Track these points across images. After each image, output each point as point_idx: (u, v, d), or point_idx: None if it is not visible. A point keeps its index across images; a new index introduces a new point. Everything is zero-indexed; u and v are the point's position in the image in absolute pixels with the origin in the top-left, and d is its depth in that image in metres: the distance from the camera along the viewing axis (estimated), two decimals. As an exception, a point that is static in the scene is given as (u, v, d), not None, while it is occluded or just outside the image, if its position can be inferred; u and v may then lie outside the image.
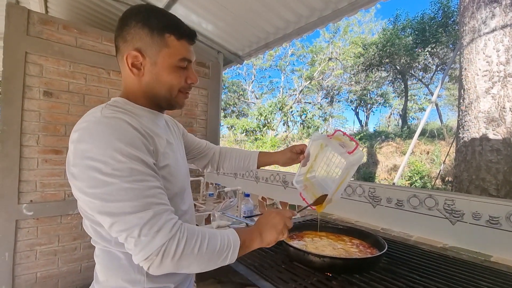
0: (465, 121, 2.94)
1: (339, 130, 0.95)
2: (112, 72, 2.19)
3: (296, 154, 0.99)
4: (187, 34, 0.67)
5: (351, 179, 1.35)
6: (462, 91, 3.05)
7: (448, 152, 5.62)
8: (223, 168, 1.08)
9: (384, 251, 0.84)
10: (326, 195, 0.86)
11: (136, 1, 2.30)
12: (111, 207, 0.52)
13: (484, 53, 2.80)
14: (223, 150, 1.10)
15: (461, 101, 3.07)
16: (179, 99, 0.70)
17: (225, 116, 15.51)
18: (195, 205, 2.23)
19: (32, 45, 1.90)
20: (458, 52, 3.37)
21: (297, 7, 2.02)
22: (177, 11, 2.36)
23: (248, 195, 1.66)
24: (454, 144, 4.33)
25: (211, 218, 1.44)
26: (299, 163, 1.02)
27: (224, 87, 14.70)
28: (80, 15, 2.89)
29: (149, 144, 0.60)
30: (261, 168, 1.09)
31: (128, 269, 0.63)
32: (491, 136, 2.71)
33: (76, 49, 2.07)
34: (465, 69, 2.98)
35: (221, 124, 2.97)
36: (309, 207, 0.93)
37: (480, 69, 2.81)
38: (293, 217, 0.72)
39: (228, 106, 16.17)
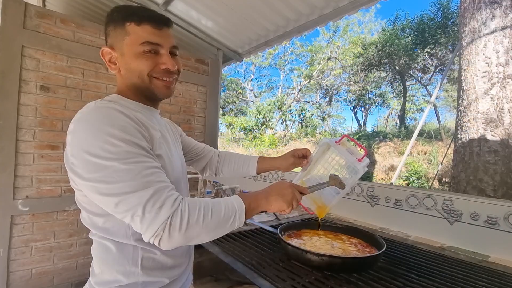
0: (464, 122, 2.95)
1: (346, 136, 0.94)
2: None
3: (299, 159, 0.98)
4: (148, 18, 0.66)
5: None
6: (461, 91, 3.06)
7: (446, 153, 5.65)
8: (222, 172, 1.07)
9: (382, 250, 0.83)
10: (337, 178, 0.85)
11: (135, -4, 2.27)
12: (112, 188, 0.53)
13: (483, 54, 2.80)
14: (222, 154, 1.09)
15: (460, 102, 3.07)
16: (155, 85, 0.68)
17: (223, 114, 15.46)
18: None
19: (29, 38, 1.87)
20: (458, 53, 3.38)
21: (297, 5, 2.00)
22: (177, 6, 2.34)
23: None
24: (452, 145, 4.34)
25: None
26: (300, 167, 1.00)
27: (222, 85, 14.65)
28: (77, 9, 2.85)
29: (143, 131, 0.61)
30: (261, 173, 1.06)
31: (122, 261, 0.64)
32: (489, 137, 2.72)
33: (73, 44, 2.05)
34: (465, 70, 2.98)
35: (220, 122, 2.96)
36: (321, 186, 0.88)
37: (479, 70, 2.82)
38: (305, 194, 0.73)
39: (226, 104, 16.13)
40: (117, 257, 0.64)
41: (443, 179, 7.45)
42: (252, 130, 13.23)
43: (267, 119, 13.28)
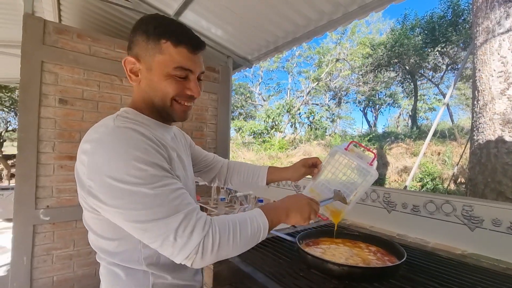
0: (480, 123, 2.87)
1: (354, 142, 0.95)
2: (124, 79, 2.23)
3: (309, 168, 0.97)
4: (186, 41, 0.62)
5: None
6: (476, 92, 2.99)
7: (462, 153, 5.50)
8: (231, 183, 1.06)
9: (403, 259, 0.82)
10: (340, 194, 0.86)
11: (147, 8, 2.34)
12: (140, 215, 0.52)
13: (498, 54, 2.74)
14: (232, 164, 1.07)
15: (475, 102, 3.00)
16: (175, 109, 0.67)
17: (232, 119, 15.56)
18: (206, 209, 2.24)
19: (48, 54, 1.95)
20: (471, 53, 3.31)
21: (306, 11, 2.02)
22: (187, 16, 2.39)
23: (261, 201, 1.66)
24: (467, 145, 4.23)
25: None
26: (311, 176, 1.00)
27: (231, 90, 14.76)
28: (92, 23, 2.96)
29: (163, 151, 0.60)
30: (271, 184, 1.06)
31: (130, 287, 0.64)
32: (507, 138, 2.65)
33: (89, 57, 2.12)
34: (479, 70, 2.92)
35: (230, 127, 2.99)
36: (325, 215, 0.93)
37: (494, 70, 2.75)
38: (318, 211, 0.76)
39: (235, 108, 16.24)
40: (127, 284, 0.64)
41: (459, 180, 7.25)
42: (262, 134, 13.25)
43: (276, 122, 13.28)
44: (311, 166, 0.97)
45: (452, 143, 8.89)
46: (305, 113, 13.94)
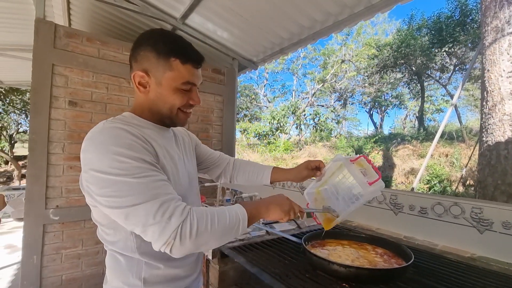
0: (489, 124, 2.83)
1: (364, 156, 0.93)
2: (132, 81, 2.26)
3: (312, 171, 0.99)
4: (192, 59, 0.71)
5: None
6: (485, 93, 2.94)
7: (471, 155, 5.41)
8: (237, 180, 1.09)
9: (411, 261, 0.82)
10: (334, 213, 0.90)
11: (155, 12, 2.37)
12: (122, 201, 0.57)
13: (508, 54, 2.69)
14: (237, 162, 1.10)
15: (484, 103, 2.95)
16: (179, 117, 0.75)
17: (238, 121, 15.60)
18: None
19: (58, 57, 2.00)
20: (479, 53, 3.26)
21: (312, 12, 2.02)
22: (194, 20, 2.42)
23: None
24: (476, 147, 4.16)
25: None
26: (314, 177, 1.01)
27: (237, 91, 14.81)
28: (101, 27, 3.01)
29: (148, 146, 0.65)
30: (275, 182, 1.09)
31: (127, 273, 0.69)
32: (517, 139, 2.60)
33: (98, 60, 2.16)
34: (488, 70, 2.87)
35: (235, 128, 3.00)
36: (319, 219, 0.94)
37: (504, 70, 2.70)
38: (299, 212, 0.78)
39: (240, 110, 16.28)
40: (124, 269, 0.69)
41: (468, 182, 7.12)
42: (267, 135, 13.25)
43: (281, 124, 13.26)
44: (314, 169, 0.99)
45: (460, 145, 8.76)
46: (310, 114, 13.90)
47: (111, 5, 2.23)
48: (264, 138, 13.20)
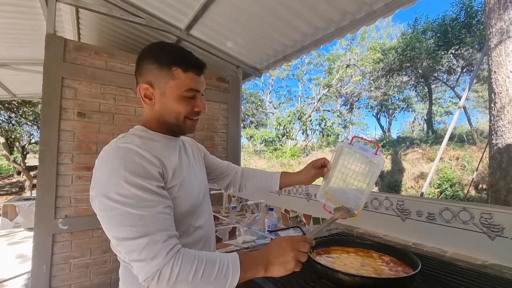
0: (498, 126, 2.77)
1: (356, 137, 0.96)
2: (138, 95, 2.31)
3: (319, 169, 0.99)
4: (193, 66, 0.72)
5: (375, 190, 1.32)
6: (492, 94, 2.89)
7: (481, 158, 5.28)
8: (246, 188, 1.09)
9: (417, 270, 0.80)
10: (345, 208, 0.87)
11: (160, 24, 2.44)
12: (115, 230, 0.59)
13: (515, 55, 2.65)
14: (246, 170, 1.11)
15: (492, 105, 2.90)
16: (187, 125, 0.77)
17: (244, 127, 15.66)
18: (218, 218, 2.25)
19: (67, 70, 2.06)
20: (486, 55, 3.22)
21: (314, 20, 2.04)
22: (198, 30, 2.47)
23: (272, 209, 1.66)
24: (487, 150, 4.07)
25: (237, 233, 1.46)
26: (322, 177, 1.02)
27: (242, 99, 14.95)
28: (108, 39, 3.10)
29: (157, 167, 0.65)
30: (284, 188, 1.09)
31: (137, 284, 0.68)
32: (528, 141, 2.53)
33: (106, 72, 2.22)
34: (495, 72, 2.83)
35: (241, 135, 3.02)
36: (335, 218, 0.92)
37: (511, 72, 2.66)
38: (310, 246, 0.67)
39: (246, 117, 16.36)
40: (133, 280, 0.70)
41: (480, 186, 6.93)
42: (273, 141, 13.24)
43: (288, 130, 13.25)
44: (321, 166, 0.99)
45: (471, 148, 8.57)
46: (316, 119, 13.86)
47: (118, 19, 2.30)
48: (271, 144, 13.19)
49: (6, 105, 9.04)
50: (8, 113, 9.67)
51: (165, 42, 0.76)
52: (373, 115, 16.09)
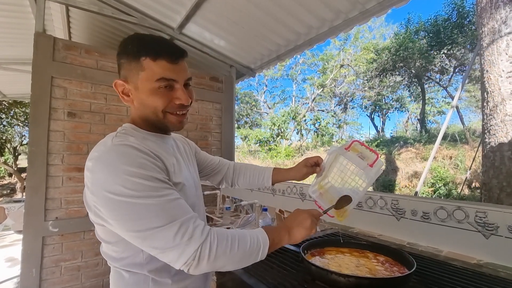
0: (491, 125, 2.80)
1: (356, 141, 0.93)
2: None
3: (312, 168, 0.98)
4: (164, 53, 0.64)
5: (369, 190, 1.31)
6: (485, 94, 2.92)
7: (474, 157, 5.35)
8: (238, 184, 1.08)
9: (412, 270, 0.79)
10: (348, 197, 0.84)
11: (152, 23, 2.40)
12: (139, 225, 0.55)
13: (507, 54, 2.68)
14: (237, 165, 1.09)
15: (484, 104, 2.93)
16: (170, 120, 0.69)
17: (238, 127, 15.63)
18: (212, 218, 2.22)
19: (57, 69, 2.01)
20: (478, 54, 3.25)
21: (307, 19, 2.03)
22: (190, 29, 2.44)
23: (266, 209, 1.64)
24: (480, 149, 4.11)
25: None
26: (314, 174, 1.01)
27: (236, 99, 14.89)
28: (100, 38, 3.05)
29: (159, 163, 0.63)
30: (276, 184, 1.09)
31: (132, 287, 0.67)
32: (520, 139, 2.56)
33: (97, 71, 2.18)
34: (487, 71, 2.86)
35: (235, 135, 2.99)
36: (330, 213, 0.90)
37: (503, 71, 2.69)
38: (320, 217, 0.78)
39: (241, 117, 16.32)
40: (129, 285, 0.67)
41: (473, 185, 7.02)
42: (268, 141, 13.23)
43: (282, 130, 13.26)
44: (314, 165, 0.98)
45: (464, 147, 8.67)
46: (310, 119, 13.89)
47: (110, 18, 2.26)
48: (265, 144, 13.18)
49: (-4, 105, 8.88)
50: (-2, 114, 9.50)
51: (138, 34, 0.69)
52: (367, 115, 16.19)
